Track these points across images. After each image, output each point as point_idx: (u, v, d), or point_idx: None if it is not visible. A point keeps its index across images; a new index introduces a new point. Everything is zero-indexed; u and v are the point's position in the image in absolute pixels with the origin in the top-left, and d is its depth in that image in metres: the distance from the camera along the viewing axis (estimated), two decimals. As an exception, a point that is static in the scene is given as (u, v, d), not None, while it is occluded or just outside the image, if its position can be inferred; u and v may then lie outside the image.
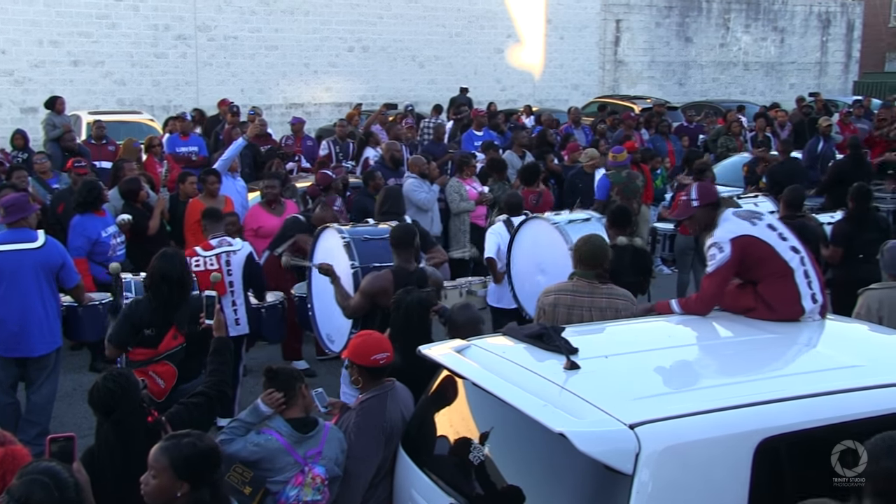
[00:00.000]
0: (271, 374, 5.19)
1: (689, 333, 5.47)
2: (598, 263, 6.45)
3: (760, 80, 37.17)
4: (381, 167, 12.49)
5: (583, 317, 6.23)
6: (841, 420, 4.21)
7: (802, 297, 5.62)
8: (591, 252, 6.44)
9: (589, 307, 6.29)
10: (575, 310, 6.30)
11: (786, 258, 5.71)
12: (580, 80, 32.50)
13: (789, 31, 37.71)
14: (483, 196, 12.07)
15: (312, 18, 27.04)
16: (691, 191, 6.06)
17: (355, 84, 27.88)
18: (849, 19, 39.18)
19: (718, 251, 5.72)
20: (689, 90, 34.85)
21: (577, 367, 4.43)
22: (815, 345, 5.44)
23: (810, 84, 37.32)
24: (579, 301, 6.33)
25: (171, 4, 24.99)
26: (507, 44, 30.70)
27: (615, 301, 6.34)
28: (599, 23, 32.92)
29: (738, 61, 36.65)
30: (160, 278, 6.42)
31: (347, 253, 7.67)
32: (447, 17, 29.30)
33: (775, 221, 5.99)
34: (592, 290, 6.36)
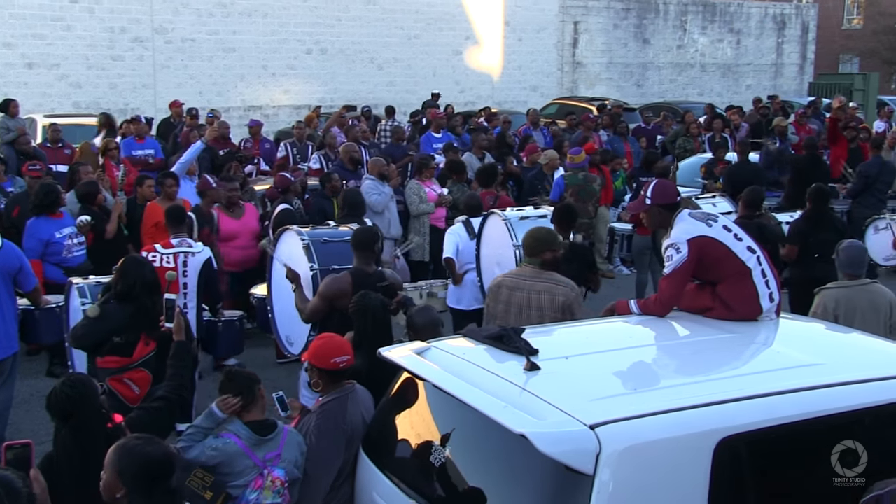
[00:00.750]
0: (229, 377, 5.16)
1: (649, 334, 5.49)
2: (539, 252, 6.71)
3: (717, 81, 37.53)
4: (340, 169, 12.45)
5: (521, 299, 6.59)
6: (799, 418, 4.25)
7: (760, 296, 5.66)
8: (531, 241, 6.76)
9: (528, 290, 6.60)
10: (515, 291, 6.64)
11: (743, 258, 5.76)
12: (539, 82, 32.62)
13: (745, 33, 38.11)
14: (442, 198, 12.07)
15: (270, 21, 26.91)
16: (648, 188, 6.09)
17: (314, 86, 27.78)
18: (803, 21, 39.69)
19: (676, 252, 5.75)
20: (647, 91, 35.10)
21: (538, 368, 4.43)
22: (772, 344, 5.48)
23: (767, 85, 37.75)
24: (521, 284, 6.65)
25: (128, 6, 24.75)
26: (466, 46, 30.74)
27: (554, 286, 6.57)
28: (557, 24, 33.06)
29: (696, 63, 36.98)
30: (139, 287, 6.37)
31: (307, 255, 7.66)
32: (405, 19, 29.29)
33: (730, 222, 6.03)
34: (534, 276, 6.67)
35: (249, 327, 9.99)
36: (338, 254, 7.62)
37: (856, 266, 7.40)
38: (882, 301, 7.26)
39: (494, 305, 6.79)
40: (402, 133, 15.98)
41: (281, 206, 10.78)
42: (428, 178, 12.36)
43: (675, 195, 6.12)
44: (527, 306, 6.59)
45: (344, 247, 7.51)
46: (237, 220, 10.72)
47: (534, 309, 6.54)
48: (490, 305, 6.88)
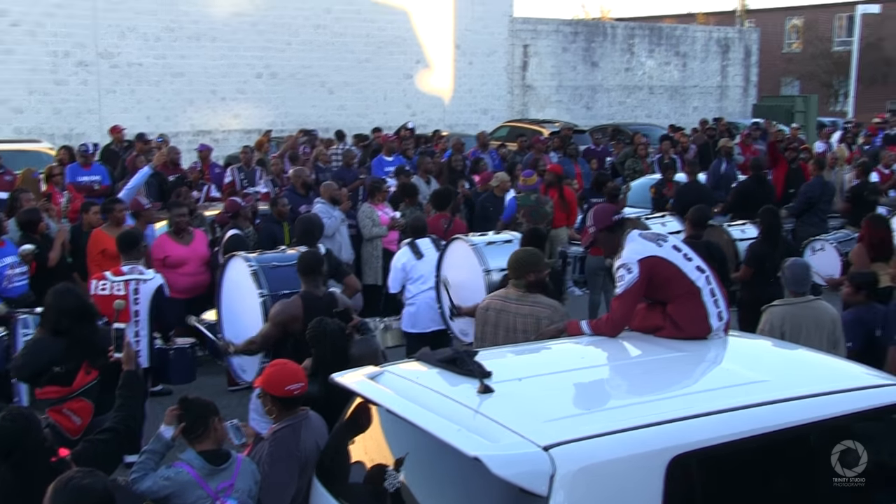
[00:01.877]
0: (185, 405, 5.10)
1: (601, 354, 5.53)
2: (524, 273, 6.72)
3: (665, 103, 38.02)
4: (291, 193, 12.41)
5: (508, 321, 6.63)
6: (749, 434, 4.31)
7: (709, 315, 5.73)
8: (517, 262, 6.79)
9: (514, 312, 6.64)
10: (503, 314, 6.68)
11: (692, 278, 5.83)
12: (489, 105, 32.82)
13: (691, 56, 38.70)
14: (395, 221, 12.07)
15: (220, 45, 26.82)
16: (588, 216, 6.19)
17: (264, 111, 27.70)
18: (746, 45, 40.42)
19: (627, 272, 5.81)
20: (597, 113, 35.46)
21: (491, 391, 4.44)
22: (721, 361, 5.55)
23: (712, 107, 38.33)
24: (507, 307, 6.68)
25: (71, 31, 24.50)
26: (417, 69, 30.86)
27: (537, 309, 6.58)
28: (507, 48, 33.32)
29: (643, 85, 37.44)
30: (57, 315, 6.25)
31: (255, 281, 7.59)
32: (356, 43, 29.34)
33: (679, 242, 6.11)
34: (519, 298, 6.68)
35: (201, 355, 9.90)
36: (287, 278, 7.56)
37: (800, 283, 7.53)
38: (825, 317, 7.38)
39: (482, 328, 6.80)
40: (353, 157, 15.98)
41: (231, 231, 10.71)
42: (380, 202, 12.35)
43: (610, 216, 6.18)
44: (513, 329, 6.62)
45: (293, 271, 7.45)
46: (186, 246, 10.62)
47: (520, 332, 6.56)
48: (478, 328, 6.88)
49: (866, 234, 9.75)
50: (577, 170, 17.31)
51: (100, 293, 7.97)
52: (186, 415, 5.04)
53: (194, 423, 5.02)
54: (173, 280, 10.06)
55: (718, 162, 16.86)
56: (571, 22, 37.46)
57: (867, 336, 7.57)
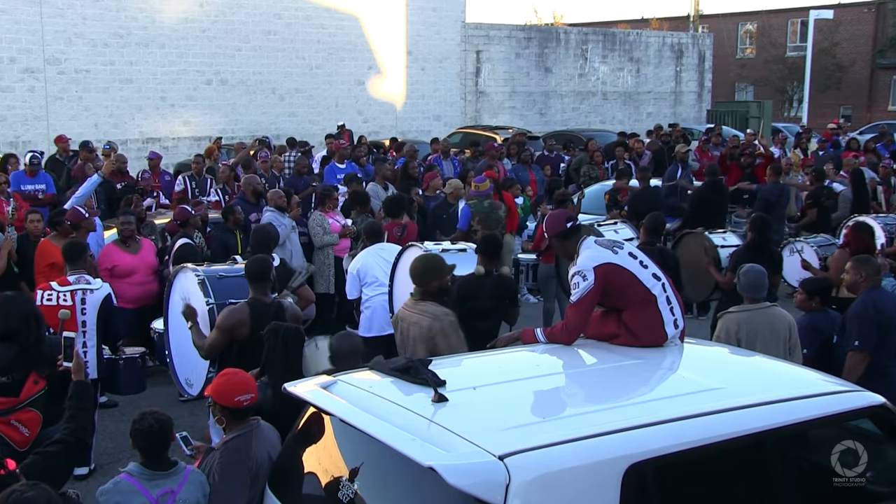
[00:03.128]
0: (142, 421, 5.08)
1: (556, 362, 5.55)
2: (428, 280, 6.93)
3: (619, 109, 38.33)
4: (242, 201, 12.33)
5: (407, 330, 6.91)
6: (705, 442, 4.34)
7: (665, 323, 5.77)
8: (421, 270, 7.00)
9: (409, 321, 6.91)
10: (402, 322, 6.99)
11: (648, 285, 5.86)
12: (442, 111, 32.87)
13: (644, 62, 39.06)
14: (346, 229, 12.04)
15: (168, 51, 26.59)
16: (543, 224, 6.23)
17: (214, 117, 27.51)
18: (700, 50, 40.87)
19: (582, 279, 5.82)
20: (550, 119, 35.65)
21: (445, 400, 4.44)
22: (677, 369, 5.59)
23: (667, 113, 38.69)
24: (406, 315, 6.95)
25: (17, 36, 24.17)
26: (368, 76, 30.83)
27: (422, 317, 6.81)
28: (460, 54, 33.41)
29: (597, 91, 37.72)
30: (5, 320, 6.15)
31: (202, 290, 7.62)
32: (306, 49, 29.25)
33: (635, 250, 6.14)
34: (412, 307, 6.95)
35: (151, 365, 9.80)
36: (234, 288, 7.61)
37: (756, 289, 7.60)
38: (781, 324, 7.46)
39: (399, 338, 7.02)
40: (305, 164, 15.92)
41: (181, 240, 10.62)
42: (331, 210, 12.32)
43: (564, 223, 6.19)
44: (410, 337, 6.84)
45: (240, 281, 7.49)
46: (133, 255, 10.52)
47: (414, 340, 6.80)
48: (396, 338, 7.10)
49: (852, 241, 9.84)
50: (531, 176, 17.38)
51: (46, 304, 7.90)
52: (143, 435, 5.01)
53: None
54: (121, 290, 9.96)
55: (674, 168, 17.01)
56: (524, 27, 37.65)
57: (823, 343, 7.66)
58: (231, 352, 7.02)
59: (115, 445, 8.82)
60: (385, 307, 9.24)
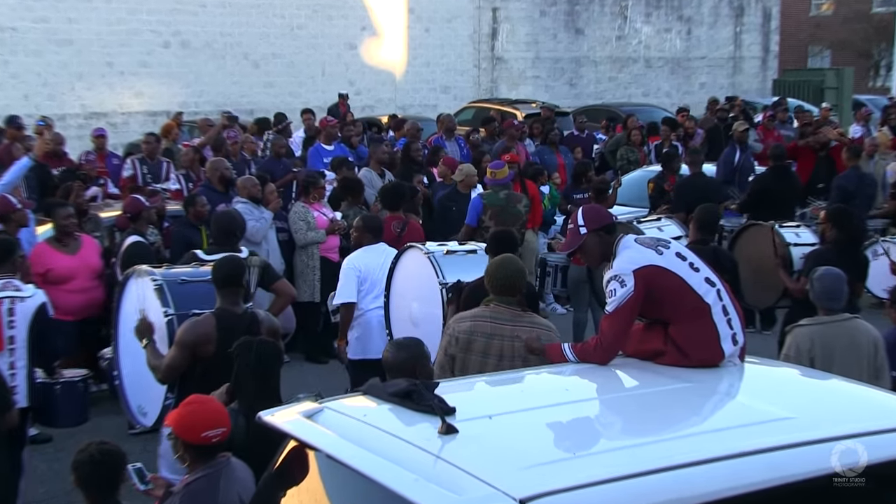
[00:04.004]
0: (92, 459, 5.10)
1: (588, 385, 5.55)
2: (517, 289, 6.85)
3: (665, 78, 38.29)
4: (207, 190, 12.35)
5: (503, 347, 6.69)
6: (770, 485, 4.33)
7: (721, 338, 5.76)
8: (507, 278, 6.84)
9: (511, 336, 6.70)
10: (495, 339, 6.73)
11: (699, 292, 5.85)
12: (451, 82, 32.88)
13: (697, 22, 39.01)
14: (335, 223, 12.05)
15: (116, 7, 26.63)
16: (577, 216, 6.19)
17: (174, 88, 27.54)
18: (764, 8, 40.77)
19: (619, 286, 5.82)
20: (582, 92, 35.63)
21: (455, 431, 4.44)
22: (736, 395, 5.58)
23: (723, 83, 38.64)
24: (500, 329, 6.73)
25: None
26: (362, 38, 30.86)
27: (539, 331, 6.69)
28: (472, 12, 33.42)
29: (639, 57, 37.68)
30: None
31: (160, 298, 7.60)
32: (286, 6, 29.28)
33: (684, 249, 6.13)
34: (514, 318, 6.78)
35: (95, 390, 9.81)
36: (200, 296, 7.58)
37: (833, 298, 7.59)
38: (865, 340, 7.45)
39: (464, 356, 6.78)
40: (283, 145, 15.94)
41: (131, 237, 10.63)
42: (316, 201, 12.32)
43: (605, 216, 6.25)
44: (510, 356, 6.69)
45: (207, 287, 7.47)
46: (72, 255, 10.50)
47: (518, 359, 6.64)
48: (457, 357, 6.81)
49: None
50: (559, 160, 17.37)
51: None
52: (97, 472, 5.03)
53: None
54: (58, 298, 9.98)
55: (731, 150, 16.98)
56: (551, -20, 37.70)
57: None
58: (194, 374, 6.99)
59: (49, 490, 8.80)
60: (382, 323, 9.21)
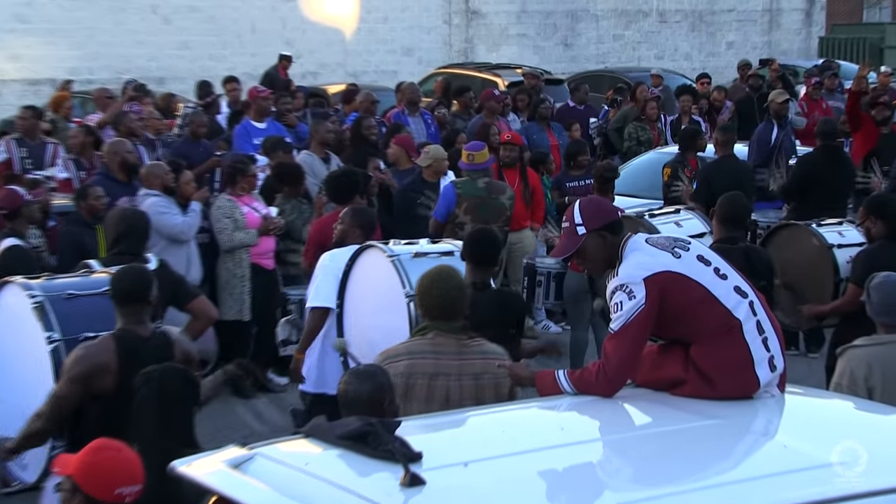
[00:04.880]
0: None
1: (589, 424, 5.56)
2: (460, 311, 6.76)
3: (684, 36, 38.41)
4: (105, 180, 12.28)
5: (448, 389, 6.61)
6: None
7: (756, 362, 5.76)
8: (446, 297, 6.70)
9: (458, 374, 6.65)
10: (439, 379, 6.64)
11: (728, 305, 5.85)
12: (415, 42, 32.87)
13: (723, -36, 39.19)
14: (269, 222, 12.01)
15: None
16: (574, 211, 6.13)
17: (60, 49, 27.45)
18: (808, -54, 41.02)
19: (627, 298, 5.80)
20: (579, 54, 35.71)
21: (422, 483, 4.44)
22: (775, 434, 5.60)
23: (757, 42, 38.80)
24: (445, 366, 6.63)
25: None
26: (301, -14, 30.88)
27: (492, 363, 6.65)
28: (441, -47, 33.50)
29: (651, 9, 37.78)
30: None
31: (40, 320, 7.54)
32: (205, -56, 29.30)
33: (707, 251, 6.11)
34: (460, 350, 6.69)
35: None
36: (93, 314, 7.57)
37: (894, 311, 7.61)
38: (936, 365, 7.48)
39: (402, 406, 6.59)
40: (205, 123, 15.89)
41: (7, 240, 10.56)
42: (245, 192, 12.29)
43: (609, 211, 6.22)
44: (457, 399, 6.63)
45: (102, 303, 7.45)
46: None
47: (469, 402, 6.57)
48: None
49: None
50: (551, 140, 17.36)
51: None
52: None
53: None
54: None
55: (767, 126, 17.01)
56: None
57: None
58: (90, 414, 6.95)
59: None
60: None
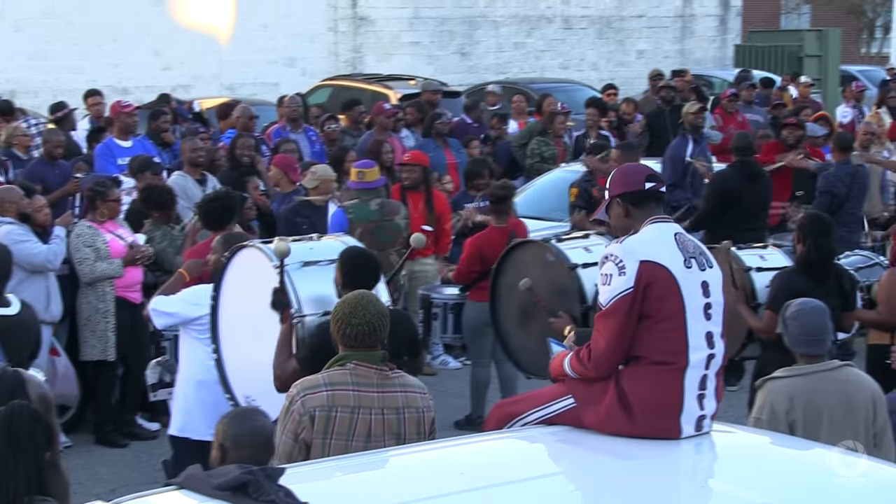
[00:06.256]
0: None
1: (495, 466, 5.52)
2: (381, 340, 6.74)
3: (591, 45, 38.64)
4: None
5: (370, 423, 6.62)
6: None
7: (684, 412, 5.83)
8: (367, 325, 6.68)
9: (380, 408, 6.66)
10: (361, 413, 6.63)
11: (690, 343, 5.89)
12: (299, 52, 32.81)
13: (633, -32, 39.55)
14: (135, 251, 11.89)
15: None
16: (609, 178, 6.19)
17: None
18: (722, -53, 41.53)
19: (617, 272, 5.82)
20: (477, 64, 35.81)
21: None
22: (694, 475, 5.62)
23: (669, 50, 39.16)
24: (366, 398, 6.62)
25: None
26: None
27: (414, 396, 6.75)
28: (325, -45, 33.53)
29: (555, 15, 37.98)
30: None
31: None
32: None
33: (717, 285, 6.11)
34: (381, 382, 6.70)
35: None
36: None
37: (815, 340, 7.67)
38: (861, 396, 7.53)
39: (324, 441, 6.64)
40: (61, 143, 15.66)
41: None
42: (108, 219, 12.17)
43: (643, 179, 6.21)
44: (379, 435, 6.64)
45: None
46: None
47: (390, 437, 6.62)
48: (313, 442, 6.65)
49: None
50: (448, 158, 17.37)
51: None
52: None
53: None
54: None
55: (681, 142, 17.15)
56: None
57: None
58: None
59: None
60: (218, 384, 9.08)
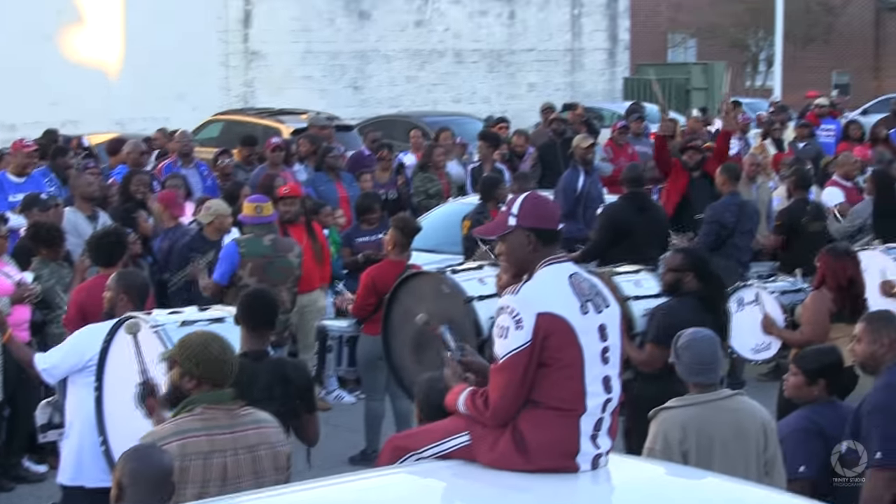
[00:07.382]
0: None
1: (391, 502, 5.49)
2: (229, 377, 6.73)
3: (482, 78, 38.78)
4: None
5: (226, 466, 6.57)
6: None
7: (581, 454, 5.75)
8: (215, 362, 6.67)
9: (233, 449, 6.62)
10: (215, 457, 6.57)
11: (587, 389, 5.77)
12: (189, 87, 32.64)
13: (522, 2, 39.66)
14: (23, 289, 11.74)
15: None
16: (516, 201, 5.97)
17: None
18: (610, -16, 41.86)
19: (514, 325, 5.67)
20: (370, 97, 35.81)
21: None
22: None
23: (559, 83, 39.41)
24: (219, 442, 6.57)
25: None
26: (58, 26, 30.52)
27: (267, 432, 6.73)
28: (216, -10, 33.44)
29: (447, 49, 38.09)
30: None
31: None
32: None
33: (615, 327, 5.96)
34: (233, 423, 6.67)
35: None
36: None
37: (707, 370, 7.69)
38: (752, 424, 7.57)
39: (180, 489, 6.47)
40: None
41: None
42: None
43: (557, 220, 6.10)
44: (235, 477, 6.59)
45: None
46: None
47: (247, 477, 6.59)
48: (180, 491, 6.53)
49: (826, 274, 10.15)
50: (340, 192, 17.32)
51: None
52: None
53: None
54: None
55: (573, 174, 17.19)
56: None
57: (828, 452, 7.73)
58: None
59: None
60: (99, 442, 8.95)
